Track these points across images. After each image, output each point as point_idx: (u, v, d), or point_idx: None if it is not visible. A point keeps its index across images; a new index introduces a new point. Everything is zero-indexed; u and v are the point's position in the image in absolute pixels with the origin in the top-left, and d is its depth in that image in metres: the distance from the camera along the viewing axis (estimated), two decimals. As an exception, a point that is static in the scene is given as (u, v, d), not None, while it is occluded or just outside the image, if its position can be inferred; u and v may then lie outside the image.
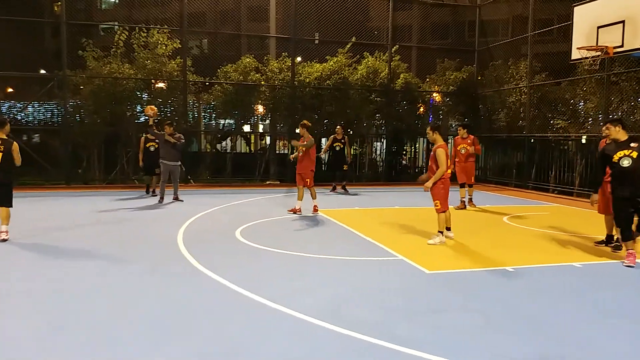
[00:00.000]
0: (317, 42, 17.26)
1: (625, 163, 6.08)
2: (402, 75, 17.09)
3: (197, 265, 5.89)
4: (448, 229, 7.65)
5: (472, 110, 18.30)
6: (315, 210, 9.91)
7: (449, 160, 7.38)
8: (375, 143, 18.28)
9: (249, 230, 8.03)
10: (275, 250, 6.70)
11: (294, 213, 9.71)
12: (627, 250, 6.32)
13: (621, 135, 6.26)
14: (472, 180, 11.24)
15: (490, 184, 17.19)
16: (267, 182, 16.21)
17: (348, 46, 16.65)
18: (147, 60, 14.76)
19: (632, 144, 6.12)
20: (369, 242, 7.35)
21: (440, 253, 6.82)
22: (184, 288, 5.08)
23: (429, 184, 7.23)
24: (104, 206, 10.42)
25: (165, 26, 15.15)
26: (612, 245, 7.12)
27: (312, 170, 9.79)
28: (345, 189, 13.72)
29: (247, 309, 4.51)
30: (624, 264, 6.22)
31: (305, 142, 9.51)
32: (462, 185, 11.06)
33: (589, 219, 9.74)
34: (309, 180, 9.73)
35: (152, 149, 11.78)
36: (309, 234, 7.99)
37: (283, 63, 16.21)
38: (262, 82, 15.97)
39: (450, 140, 15.81)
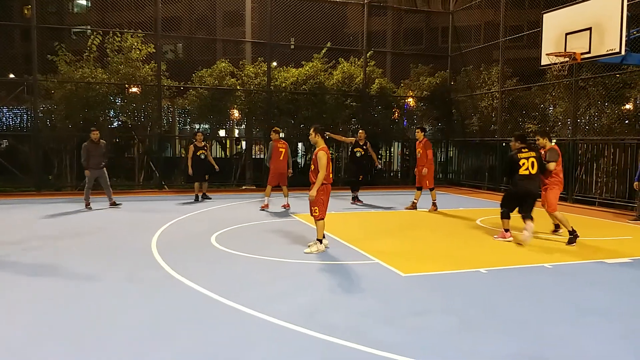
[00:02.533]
0: (293, 47, 17.32)
1: None
2: (377, 80, 17.27)
3: (172, 273, 5.84)
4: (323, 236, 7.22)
5: (446, 115, 18.60)
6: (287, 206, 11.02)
7: (330, 165, 6.96)
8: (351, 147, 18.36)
9: (225, 236, 7.99)
10: (251, 256, 6.68)
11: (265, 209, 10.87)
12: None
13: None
14: (427, 185, 11.11)
15: (463, 187, 17.47)
16: (243, 187, 16.14)
17: (323, 51, 16.75)
18: (120, 65, 14.58)
19: None
20: (345, 245, 7.39)
21: (414, 256, 6.91)
22: (160, 297, 5.03)
23: (313, 192, 6.78)
24: (75, 214, 10.23)
25: (139, 30, 14.98)
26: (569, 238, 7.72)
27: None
28: (358, 200, 12.34)
29: (224, 316, 4.50)
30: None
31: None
32: (418, 188, 11.26)
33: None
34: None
35: (202, 156, 12.19)
36: (285, 238, 7.98)
37: (259, 68, 16.20)
38: (238, 87, 15.92)
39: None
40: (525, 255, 7.02)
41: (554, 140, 13.94)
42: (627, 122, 13.00)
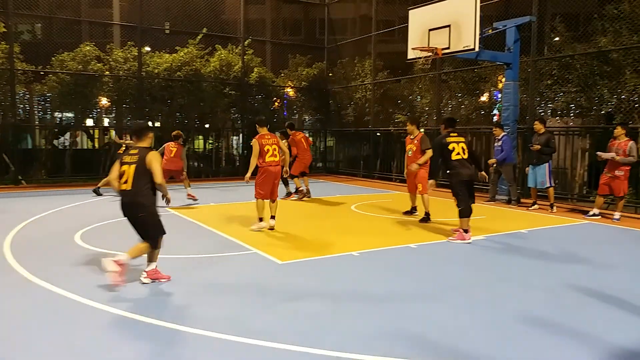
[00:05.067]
0: (168, 32, 16.52)
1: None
2: (255, 70, 17.15)
3: (29, 276, 5.30)
4: (272, 217, 7.91)
5: (324, 106, 19.08)
6: (192, 197, 10.52)
7: (264, 150, 7.65)
8: (232, 137, 18.12)
9: (92, 234, 7.44)
10: (121, 254, 6.28)
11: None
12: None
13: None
14: (292, 173, 10.89)
15: (340, 175, 18.10)
16: (115, 180, 15.14)
17: (199, 37, 16.23)
18: (-39, 45, 12.85)
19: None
20: (223, 237, 7.28)
21: (291, 243, 7.02)
22: (15, 303, 4.53)
23: (248, 175, 7.68)
24: None
25: (-15, 7, 13.30)
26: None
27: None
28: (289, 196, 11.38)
29: (91, 318, 4.19)
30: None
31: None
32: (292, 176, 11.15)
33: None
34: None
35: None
36: (160, 233, 7.64)
37: (129, 52, 15.25)
38: (106, 72, 14.86)
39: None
40: (393, 237, 7.47)
41: (422, 129, 15.00)
42: (482, 112, 14.39)
